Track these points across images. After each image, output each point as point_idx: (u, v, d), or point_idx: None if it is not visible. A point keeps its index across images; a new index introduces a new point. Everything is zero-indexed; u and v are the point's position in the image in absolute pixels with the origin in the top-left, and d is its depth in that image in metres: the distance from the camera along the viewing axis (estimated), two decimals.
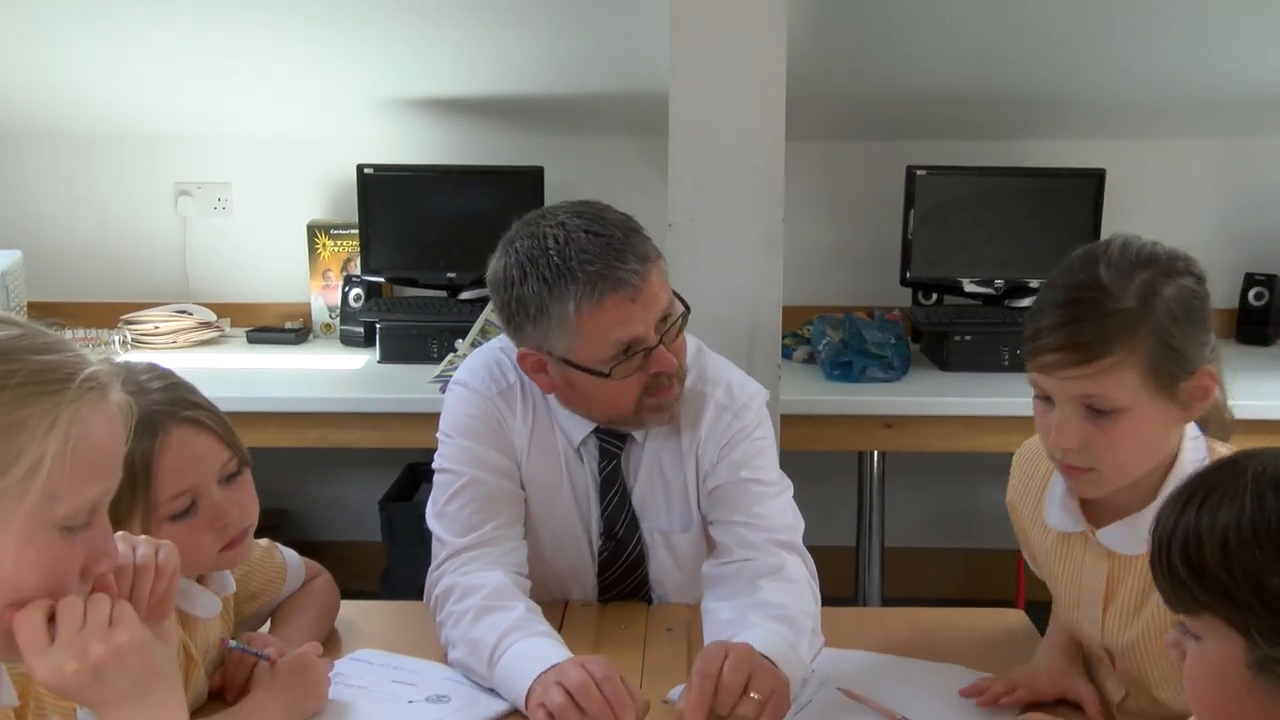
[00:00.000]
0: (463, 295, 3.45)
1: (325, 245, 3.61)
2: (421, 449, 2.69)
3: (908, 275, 3.40)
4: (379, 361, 3.34)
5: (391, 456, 3.56)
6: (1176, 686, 1.49)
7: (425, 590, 1.81)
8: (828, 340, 3.21)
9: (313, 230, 3.61)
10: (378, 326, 3.36)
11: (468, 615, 1.69)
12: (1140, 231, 1.50)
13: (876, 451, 3.31)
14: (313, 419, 3.04)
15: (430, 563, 1.83)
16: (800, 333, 3.38)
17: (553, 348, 1.75)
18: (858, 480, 3.39)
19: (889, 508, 3.40)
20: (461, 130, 3.59)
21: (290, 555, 1.86)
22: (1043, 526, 1.65)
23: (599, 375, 1.74)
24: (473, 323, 3.20)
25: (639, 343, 1.73)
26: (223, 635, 1.65)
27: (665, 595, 1.95)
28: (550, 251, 1.70)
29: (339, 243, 3.60)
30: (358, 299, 3.53)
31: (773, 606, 1.69)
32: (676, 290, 1.81)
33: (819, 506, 2.29)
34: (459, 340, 3.22)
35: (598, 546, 1.92)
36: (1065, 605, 1.66)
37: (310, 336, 3.65)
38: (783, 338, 2.88)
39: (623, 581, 1.94)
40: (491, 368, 1.90)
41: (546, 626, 1.69)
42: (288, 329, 3.60)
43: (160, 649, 1.16)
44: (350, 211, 3.53)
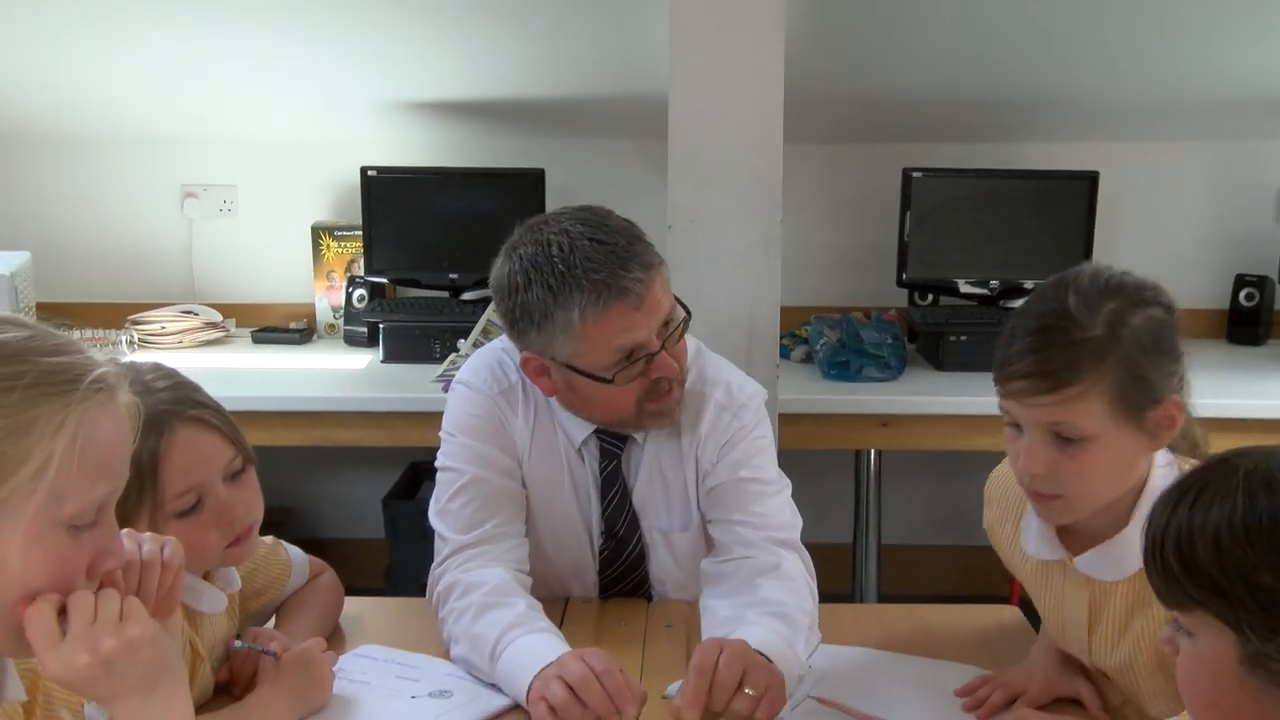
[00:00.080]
0: (465, 296, 3.45)
1: (329, 246, 3.61)
2: (424, 447, 2.68)
3: (904, 276, 3.40)
4: (382, 361, 3.34)
5: (394, 455, 3.56)
6: (1166, 700, 1.48)
7: (428, 587, 1.81)
8: (825, 340, 3.21)
9: (317, 231, 3.61)
10: (381, 327, 3.36)
11: (470, 611, 1.69)
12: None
13: (873, 450, 3.32)
14: (317, 418, 3.04)
15: (433, 560, 1.83)
16: (798, 333, 3.38)
17: (556, 353, 1.75)
18: (855, 478, 3.39)
19: (885, 505, 3.40)
20: (464, 133, 3.59)
21: (295, 552, 1.86)
22: (1022, 553, 1.64)
23: (602, 381, 1.74)
24: (475, 323, 3.20)
25: (642, 349, 1.73)
26: (228, 635, 1.65)
27: (665, 592, 1.95)
28: (555, 259, 1.69)
29: (343, 244, 3.60)
30: (361, 299, 3.53)
31: (770, 604, 1.69)
32: (676, 291, 1.81)
33: (816, 504, 2.29)
34: (461, 340, 3.22)
35: (598, 545, 1.92)
36: (1052, 629, 1.65)
37: (314, 336, 3.65)
38: (781, 338, 2.88)
39: (623, 580, 1.94)
40: (494, 367, 1.90)
41: (547, 623, 1.69)
42: (292, 329, 3.60)
43: (168, 642, 1.16)
44: (354, 213, 3.53)
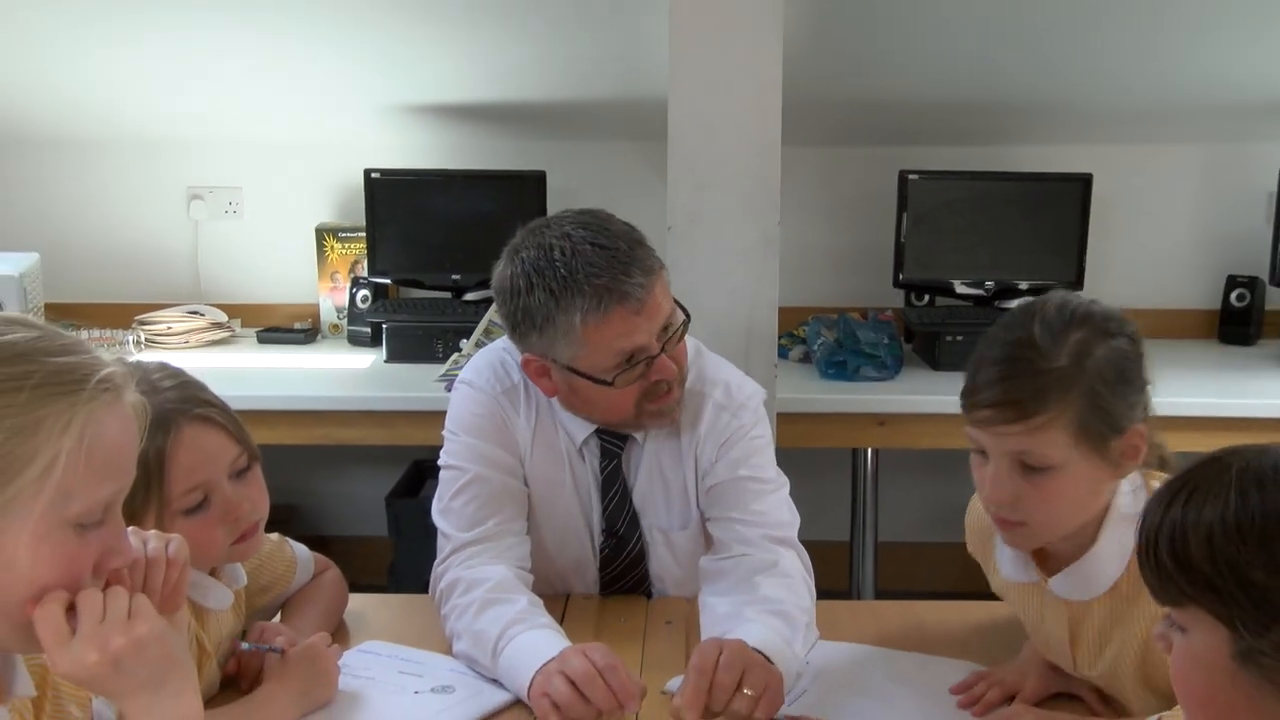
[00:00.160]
0: (467, 296, 3.45)
1: (333, 248, 3.61)
2: (427, 446, 2.68)
3: (900, 277, 3.40)
4: (385, 361, 3.34)
5: (398, 453, 3.56)
6: (1152, 709, 1.48)
7: (431, 584, 1.81)
8: (823, 340, 3.21)
9: (321, 233, 3.61)
10: (384, 327, 3.36)
11: (472, 608, 1.69)
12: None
13: (870, 448, 3.31)
14: (321, 417, 3.04)
15: (435, 557, 1.83)
16: (796, 333, 3.38)
17: (557, 355, 1.75)
18: (852, 476, 3.38)
19: (882, 503, 3.40)
20: (466, 136, 3.59)
21: (300, 549, 1.86)
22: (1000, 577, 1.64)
23: (602, 383, 1.74)
24: (477, 323, 3.19)
25: (642, 352, 1.73)
26: (234, 631, 1.65)
27: (665, 590, 1.95)
28: (557, 263, 1.69)
29: (347, 245, 3.60)
30: (365, 300, 3.53)
31: (768, 601, 1.69)
32: (676, 291, 1.80)
33: (814, 502, 2.28)
34: (463, 340, 3.21)
35: (599, 543, 1.92)
36: (1038, 645, 1.64)
37: (319, 336, 3.64)
38: (779, 338, 2.88)
39: (624, 577, 1.93)
40: (496, 367, 1.90)
41: (548, 619, 1.69)
42: (297, 329, 3.60)
43: (176, 639, 1.16)
44: (358, 215, 3.52)
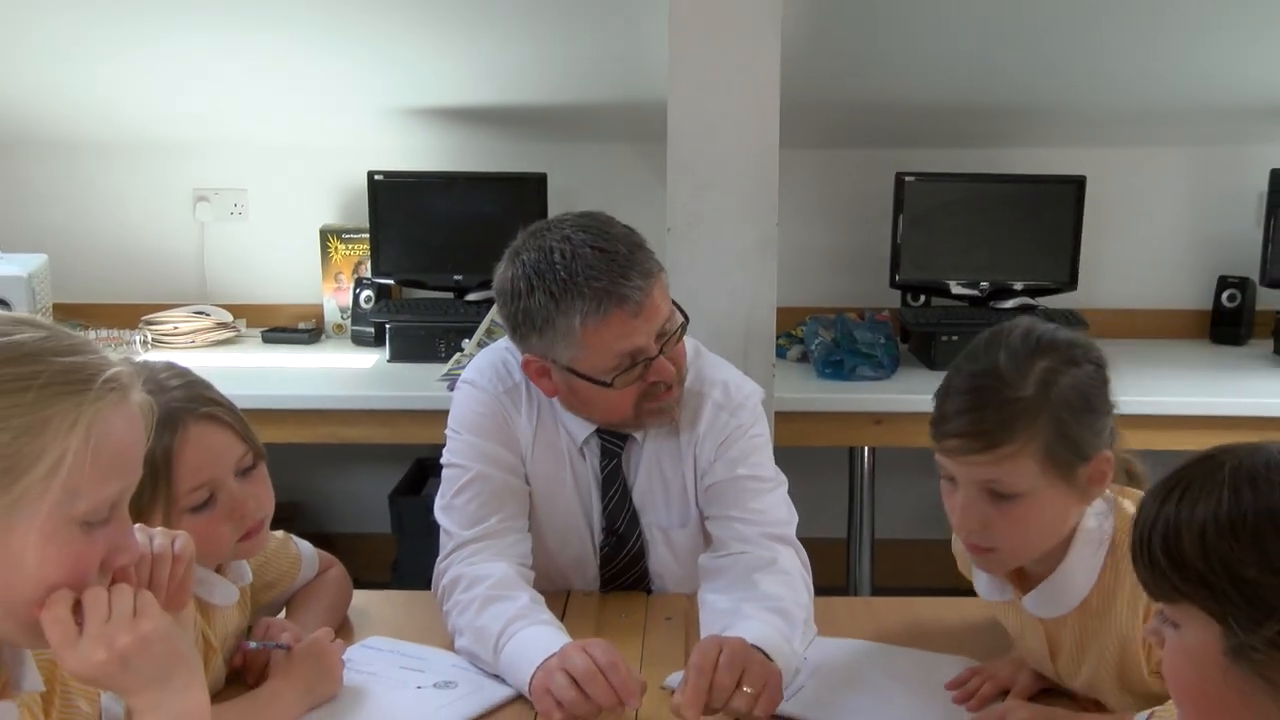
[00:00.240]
0: (469, 297, 3.44)
1: (337, 249, 3.61)
2: (430, 445, 2.68)
3: (897, 278, 3.40)
4: (389, 360, 3.34)
5: (401, 452, 3.56)
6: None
7: (433, 580, 1.81)
8: (820, 340, 3.21)
9: (325, 234, 3.61)
10: (387, 327, 3.36)
11: (474, 604, 1.69)
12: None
13: (867, 447, 3.31)
14: (325, 415, 3.04)
15: (438, 554, 1.83)
16: (794, 333, 3.38)
17: (557, 357, 1.75)
18: (849, 474, 3.38)
19: (879, 501, 3.40)
20: (468, 138, 3.59)
21: (305, 546, 1.86)
22: None
23: (601, 384, 1.74)
24: (479, 323, 3.20)
25: (640, 354, 1.73)
26: (240, 627, 1.65)
27: (664, 586, 1.95)
28: (557, 266, 1.69)
29: (350, 246, 3.60)
30: (368, 300, 3.53)
31: (767, 598, 1.69)
32: (675, 292, 1.80)
33: (811, 500, 2.28)
34: (465, 340, 3.21)
35: (599, 541, 1.92)
36: (1024, 655, 1.64)
37: (323, 336, 3.64)
38: (777, 338, 2.87)
39: (624, 574, 1.93)
40: (498, 367, 1.90)
41: (549, 615, 1.69)
42: (301, 329, 3.59)
43: (182, 635, 1.16)
44: (361, 216, 3.52)
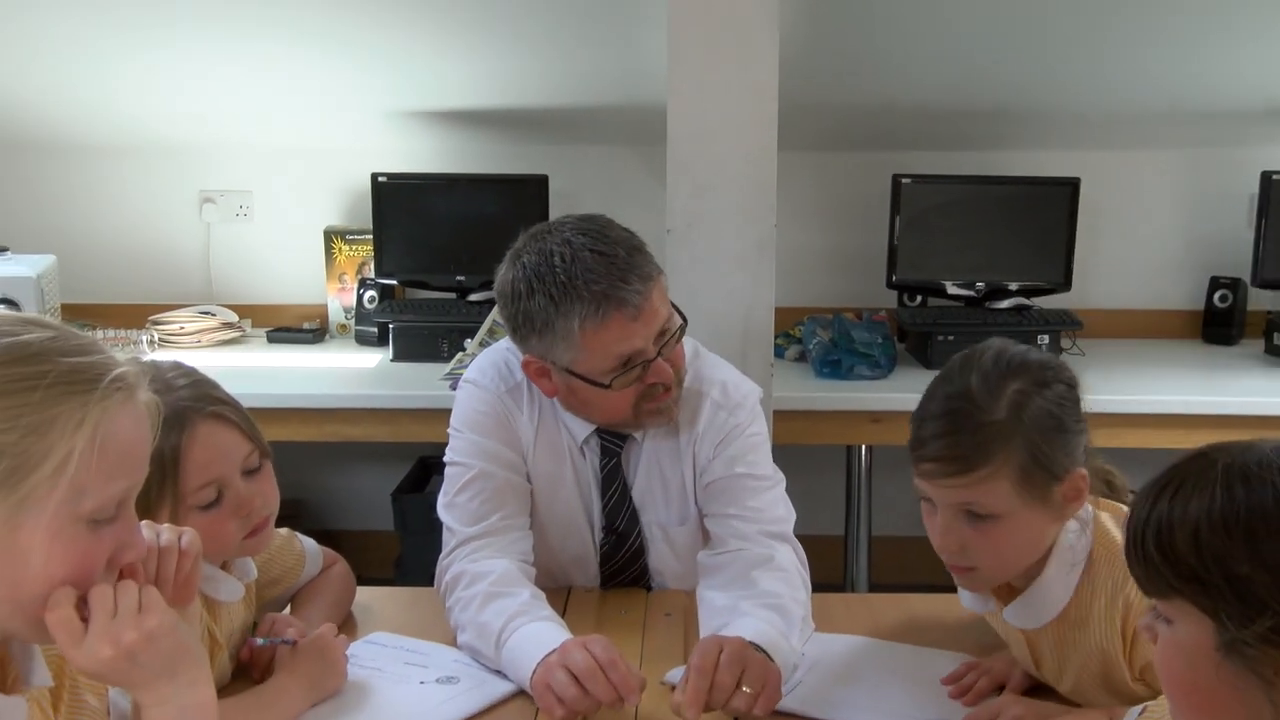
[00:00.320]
0: (471, 297, 3.44)
1: (341, 250, 3.61)
2: (432, 443, 2.68)
3: (894, 278, 3.40)
4: (392, 360, 3.34)
5: (404, 450, 3.56)
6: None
7: (436, 577, 1.81)
8: (818, 340, 3.21)
9: (329, 235, 3.61)
10: (390, 327, 3.36)
11: (476, 601, 1.69)
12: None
13: (864, 445, 3.31)
14: (329, 414, 3.04)
15: (440, 551, 1.83)
16: (792, 333, 3.38)
17: (556, 358, 1.75)
18: (846, 472, 3.38)
19: (876, 498, 3.40)
20: (470, 140, 3.59)
21: (309, 543, 1.86)
22: None
23: (600, 386, 1.74)
24: (480, 323, 3.19)
25: (639, 356, 1.73)
26: (245, 624, 1.65)
27: (664, 583, 1.95)
28: (557, 269, 1.69)
29: (354, 247, 3.60)
30: (372, 301, 3.53)
31: (765, 595, 1.69)
32: (675, 293, 1.81)
33: (809, 498, 2.28)
34: (467, 340, 3.21)
35: (600, 539, 1.92)
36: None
37: (327, 336, 3.65)
38: (775, 337, 2.87)
39: (624, 572, 1.94)
40: (500, 366, 1.90)
41: (550, 611, 1.69)
42: (306, 329, 3.60)
43: (188, 630, 1.16)
44: (365, 218, 3.52)
